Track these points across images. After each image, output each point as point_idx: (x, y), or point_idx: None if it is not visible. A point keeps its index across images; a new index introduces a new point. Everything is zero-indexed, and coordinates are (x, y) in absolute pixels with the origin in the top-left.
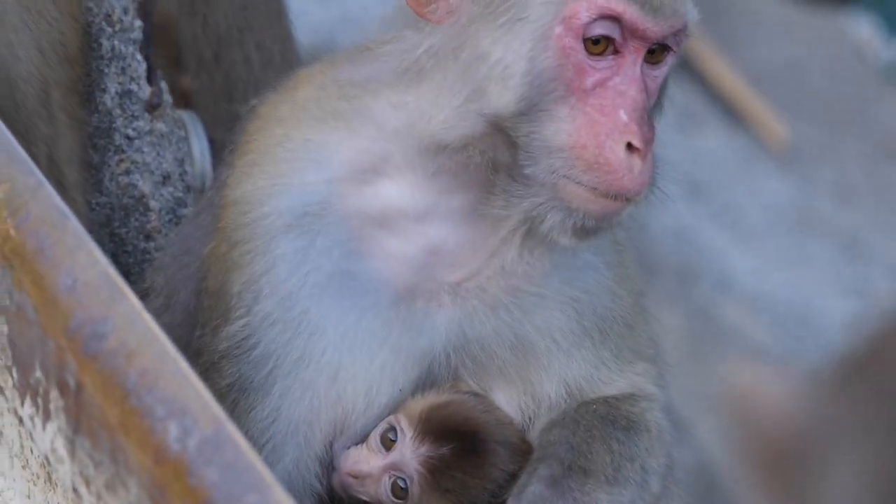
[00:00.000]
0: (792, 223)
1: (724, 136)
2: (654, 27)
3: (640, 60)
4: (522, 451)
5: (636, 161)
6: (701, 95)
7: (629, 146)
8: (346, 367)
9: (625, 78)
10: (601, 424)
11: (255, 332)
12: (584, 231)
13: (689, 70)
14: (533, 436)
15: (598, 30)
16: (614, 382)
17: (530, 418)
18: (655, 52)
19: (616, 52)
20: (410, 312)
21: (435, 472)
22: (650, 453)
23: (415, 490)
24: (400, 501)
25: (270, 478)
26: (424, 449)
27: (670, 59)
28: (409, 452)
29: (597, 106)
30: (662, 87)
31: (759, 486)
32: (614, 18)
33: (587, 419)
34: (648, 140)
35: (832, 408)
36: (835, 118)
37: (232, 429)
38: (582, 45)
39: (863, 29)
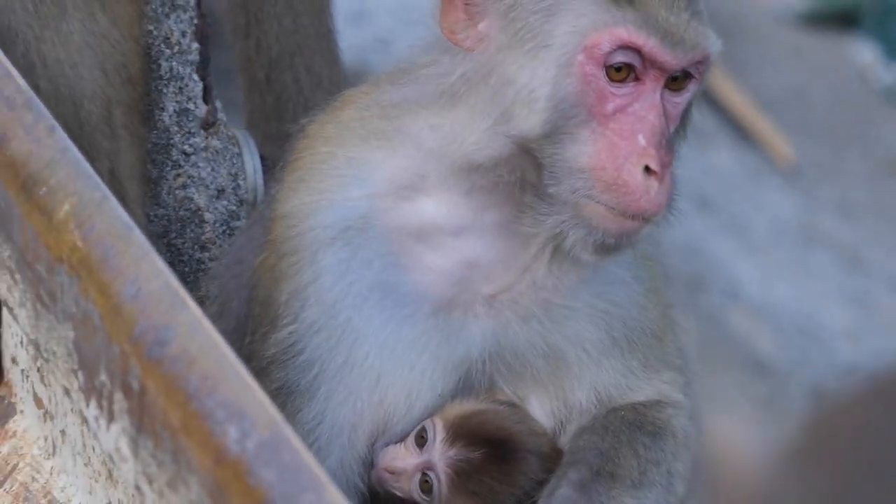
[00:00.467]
0: (796, 236)
1: (732, 154)
2: (674, 60)
3: (659, 88)
4: (553, 460)
5: (653, 183)
6: (712, 115)
7: (647, 169)
8: (387, 372)
9: (644, 104)
10: (629, 430)
11: (302, 339)
12: (605, 248)
13: (704, 92)
14: (564, 440)
15: (620, 58)
16: (642, 390)
17: (562, 422)
18: (678, 80)
19: (637, 78)
20: (448, 322)
21: (462, 474)
22: (676, 457)
23: (443, 490)
24: (427, 498)
25: (325, 477)
26: (454, 452)
27: (693, 87)
28: (439, 454)
29: (617, 130)
30: (686, 113)
31: None
32: (635, 49)
33: (615, 425)
34: (666, 164)
35: (789, 478)
36: (838, 137)
37: (288, 431)
38: (603, 73)
39: (865, 54)
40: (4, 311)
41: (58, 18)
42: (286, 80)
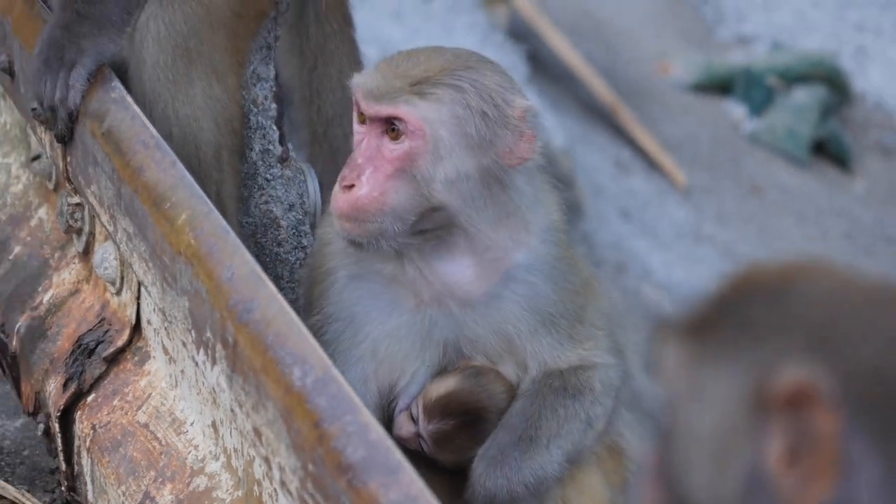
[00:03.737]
0: (689, 237)
1: (645, 179)
2: (370, 110)
3: (375, 131)
4: None
5: (341, 194)
6: (631, 152)
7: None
8: (382, 348)
9: (359, 140)
10: (553, 395)
11: (324, 325)
12: (353, 244)
13: (624, 136)
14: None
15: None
16: (568, 357)
17: (521, 381)
18: (394, 131)
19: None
20: (421, 317)
21: (440, 440)
22: (594, 404)
23: (431, 450)
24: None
25: (360, 404)
26: (431, 427)
27: (408, 144)
28: (422, 428)
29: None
30: (423, 166)
31: None
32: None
33: (543, 392)
34: (351, 182)
35: None
36: (717, 168)
37: (335, 373)
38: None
39: (736, 111)
40: (142, 288)
41: (187, 85)
42: (338, 134)
